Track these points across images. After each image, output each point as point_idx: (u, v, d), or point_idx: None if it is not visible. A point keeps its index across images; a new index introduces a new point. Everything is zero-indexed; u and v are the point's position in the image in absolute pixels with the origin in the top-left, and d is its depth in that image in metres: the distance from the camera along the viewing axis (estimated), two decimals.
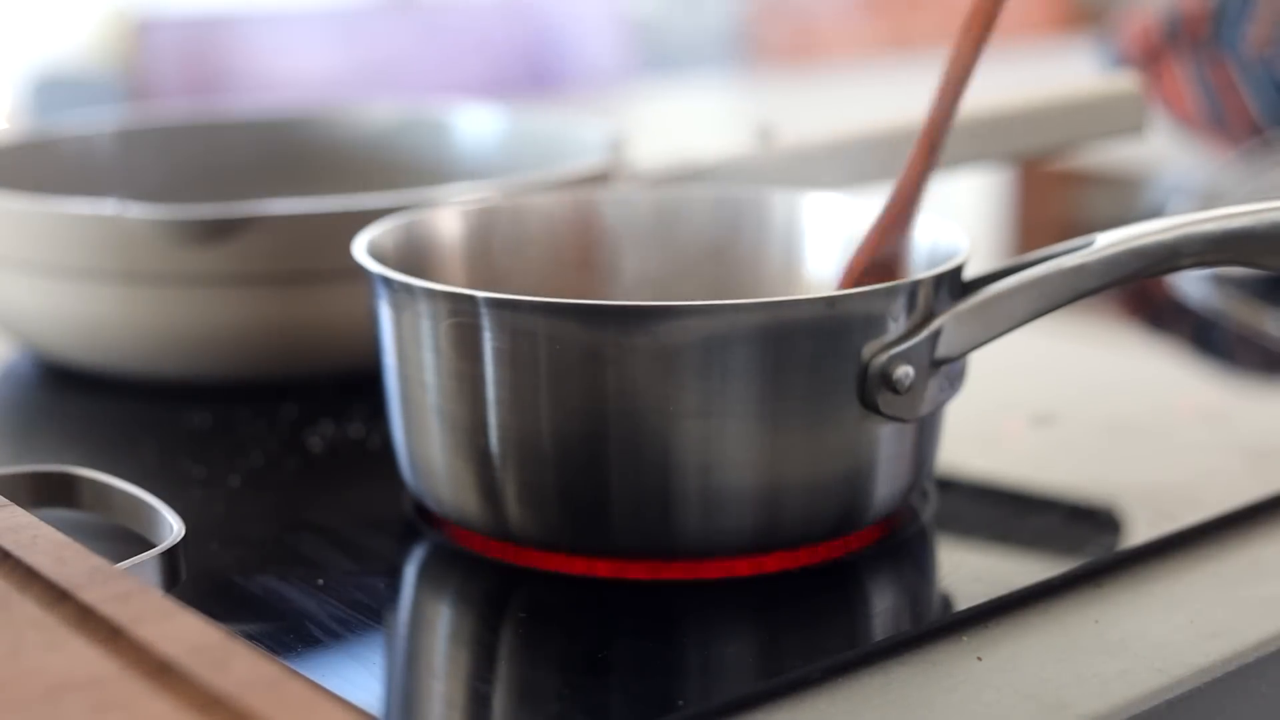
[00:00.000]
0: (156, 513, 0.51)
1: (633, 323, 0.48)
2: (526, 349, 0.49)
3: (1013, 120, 0.79)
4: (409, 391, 0.53)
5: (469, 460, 0.51)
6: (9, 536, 0.41)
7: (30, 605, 0.38)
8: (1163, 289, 0.86)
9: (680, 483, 0.49)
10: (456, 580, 0.53)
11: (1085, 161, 1.13)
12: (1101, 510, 0.57)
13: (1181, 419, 0.67)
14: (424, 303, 0.51)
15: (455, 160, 0.88)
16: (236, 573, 0.53)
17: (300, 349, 0.69)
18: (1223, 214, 0.51)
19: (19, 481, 0.53)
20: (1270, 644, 0.49)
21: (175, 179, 0.86)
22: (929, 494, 0.57)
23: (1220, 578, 0.53)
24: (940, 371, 0.52)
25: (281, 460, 0.63)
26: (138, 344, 0.70)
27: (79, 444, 0.68)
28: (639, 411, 0.49)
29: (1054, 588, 0.51)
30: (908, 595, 0.53)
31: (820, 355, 0.49)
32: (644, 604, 0.50)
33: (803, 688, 0.45)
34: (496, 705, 0.46)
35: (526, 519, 0.51)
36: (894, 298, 0.50)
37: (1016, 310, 0.52)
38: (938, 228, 0.57)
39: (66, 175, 0.82)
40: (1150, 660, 0.47)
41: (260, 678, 0.34)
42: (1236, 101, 1.11)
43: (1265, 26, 1.10)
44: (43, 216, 0.68)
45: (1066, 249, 0.52)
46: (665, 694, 0.44)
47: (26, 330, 0.73)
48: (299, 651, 0.47)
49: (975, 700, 0.45)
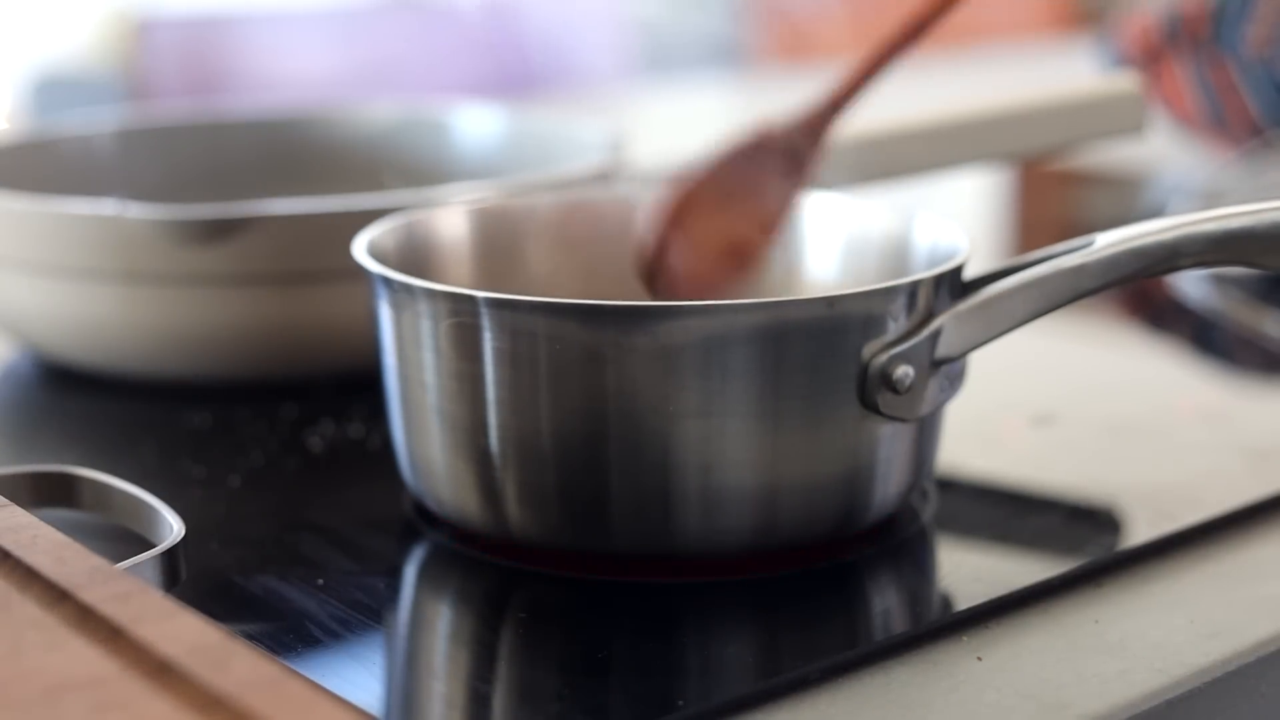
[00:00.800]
0: (156, 513, 0.51)
1: (633, 323, 0.48)
2: (526, 349, 0.49)
3: (1013, 120, 0.79)
4: (409, 391, 0.53)
5: (469, 460, 0.51)
6: (9, 536, 0.41)
7: (30, 605, 0.38)
8: (1163, 289, 0.86)
9: (680, 483, 0.49)
10: (456, 580, 0.53)
11: (1085, 161, 1.13)
12: (1101, 510, 0.57)
13: (1181, 419, 0.67)
14: (424, 303, 0.51)
15: (455, 160, 0.88)
16: (236, 573, 0.53)
17: (300, 349, 0.69)
18: (1223, 214, 0.51)
19: (19, 481, 0.53)
20: (1270, 644, 0.49)
21: (175, 179, 0.86)
22: (929, 494, 0.57)
23: (1220, 578, 0.53)
24: (940, 371, 0.52)
25: (281, 460, 0.63)
26: (138, 344, 0.70)
27: (79, 444, 0.68)
28: (639, 411, 0.49)
29: (1054, 588, 0.51)
30: (908, 595, 0.53)
31: (820, 355, 0.49)
32: (644, 604, 0.50)
33: (803, 688, 0.45)
34: (496, 705, 0.46)
35: (526, 519, 0.51)
36: (894, 298, 0.50)
37: (1016, 310, 0.52)
38: (938, 228, 0.57)
39: (66, 175, 0.82)
40: (1150, 660, 0.47)
41: (260, 678, 0.34)
42: (1236, 101, 1.11)
43: (1265, 26, 1.10)
44: (43, 216, 0.68)
45: (1066, 249, 0.52)
46: (665, 694, 0.44)
47: (26, 330, 0.73)
48: (299, 651, 0.47)
49: (975, 700, 0.45)
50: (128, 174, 0.86)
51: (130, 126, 0.89)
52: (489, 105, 0.92)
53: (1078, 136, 0.81)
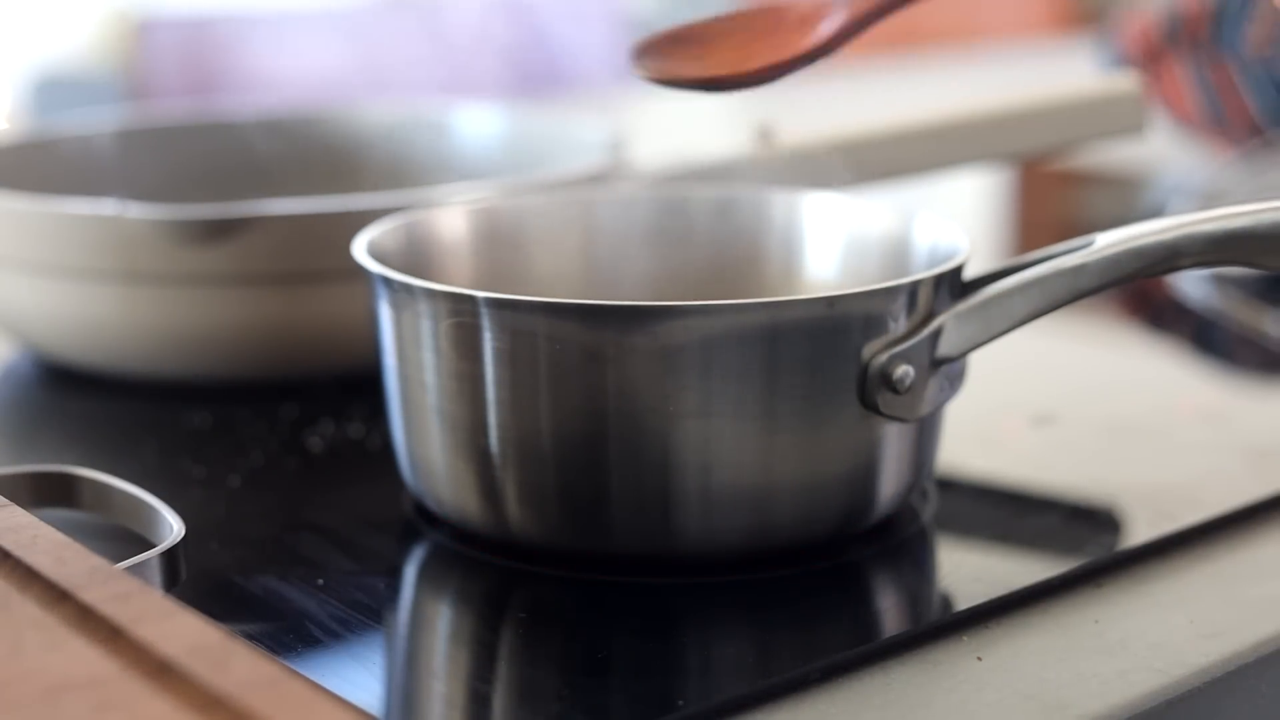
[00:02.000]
0: (156, 513, 0.51)
1: (633, 323, 0.48)
2: (526, 349, 0.49)
3: (1013, 120, 0.79)
4: (409, 391, 0.53)
5: (469, 460, 0.51)
6: (9, 536, 0.41)
7: (30, 605, 0.38)
8: (1163, 289, 0.86)
9: (680, 483, 0.49)
10: (456, 580, 0.53)
11: (1085, 161, 1.13)
12: (1101, 510, 0.57)
13: (1181, 419, 0.67)
14: (424, 303, 0.51)
15: (455, 160, 0.88)
16: (236, 573, 0.53)
17: (300, 349, 0.69)
18: (1223, 214, 0.51)
19: (19, 481, 0.53)
20: (1270, 644, 0.49)
21: (175, 179, 0.86)
22: (929, 494, 0.57)
23: (1220, 578, 0.53)
24: (940, 371, 0.52)
25: (281, 460, 0.63)
26: (138, 344, 0.70)
27: (79, 444, 0.68)
28: (639, 411, 0.49)
29: (1054, 588, 0.51)
30: (908, 595, 0.53)
31: (820, 355, 0.49)
32: (644, 604, 0.50)
33: (802, 688, 0.45)
34: (496, 705, 0.46)
35: (526, 519, 0.51)
36: (894, 297, 0.50)
37: (1016, 310, 0.52)
38: (938, 228, 0.57)
39: (66, 175, 0.82)
40: (1150, 660, 0.47)
41: (260, 678, 0.34)
42: (1236, 101, 1.11)
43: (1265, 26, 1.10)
44: (43, 216, 0.68)
45: (1066, 249, 0.52)
46: (665, 694, 0.44)
47: (26, 330, 0.73)
48: (299, 651, 0.47)
49: (975, 700, 0.45)
50: (128, 174, 0.86)
51: (130, 126, 0.89)
52: (489, 105, 0.92)
53: (1078, 136, 0.81)
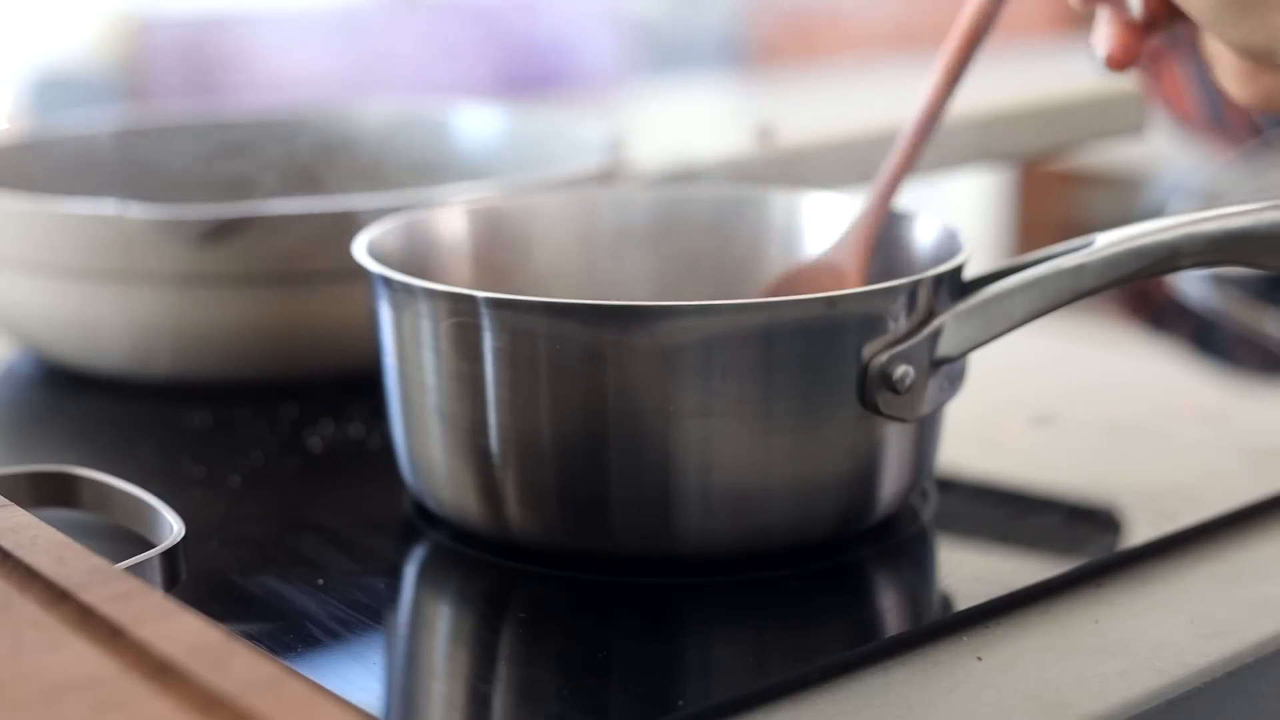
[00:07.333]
0: (156, 513, 0.51)
1: (633, 323, 0.48)
2: (526, 349, 0.49)
3: (1013, 120, 0.79)
4: (409, 391, 0.53)
5: (469, 460, 0.51)
6: (9, 536, 0.41)
7: (30, 605, 0.38)
8: (1163, 289, 0.86)
9: (680, 483, 0.49)
10: (456, 580, 0.53)
11: (1085, 161, 1.13)
12: (1101, 510, 0.57)
13: (1181, 419, 0.67)
14: (424, 303, 0.51)
15: (455, 160, 0.88)
16: (236, 573, 0.53)
17: (300, 349, 0.69)
18: (1223, 214, 0.51)
19: (19, 481, 0.53)
20: (1270, 644, 0.49)
21: (175, 179, 0.86)
22: (929, 494, 0.57)
23: (1220, 578, 0.53)
24: (940, 371, 0.52)
25: (281, 460, 0.63)
26: (138, 344, 0.70)
27: (79, 444, 0.68)
28: (639, 411, 0.49)
29: (1054, 588, 0.51)
30: (908, 595, 0.53)
31: (820, 355, 0.49)
32: (644, 604, 0.50)
33: (802, 688, 0.45)
34: (496, 705, 0.46)
35: (526, 519, 0.51)
36: (894, 297, 0.50)
37: (1016, 310, 0.52)
38: (938, 228, 0.57)
39: (66, 175, 0.82)
40: (1150, 660, 0.47)
41: (260, 678, 0.34)
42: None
43: None
44: (43, 216, 0.68)
45: (1066, 249, 0.52)
46: (665, 694, 0.44)
47: (26, 330, 0.73)
48: (299, 651, 0.47)
49: (975, 700, 0.45)
50: (128, 174, 0.86)
51: (130, 126, 0.89)
52: (489, 105, 0.91)
53: (1078, 136, 0.81)
